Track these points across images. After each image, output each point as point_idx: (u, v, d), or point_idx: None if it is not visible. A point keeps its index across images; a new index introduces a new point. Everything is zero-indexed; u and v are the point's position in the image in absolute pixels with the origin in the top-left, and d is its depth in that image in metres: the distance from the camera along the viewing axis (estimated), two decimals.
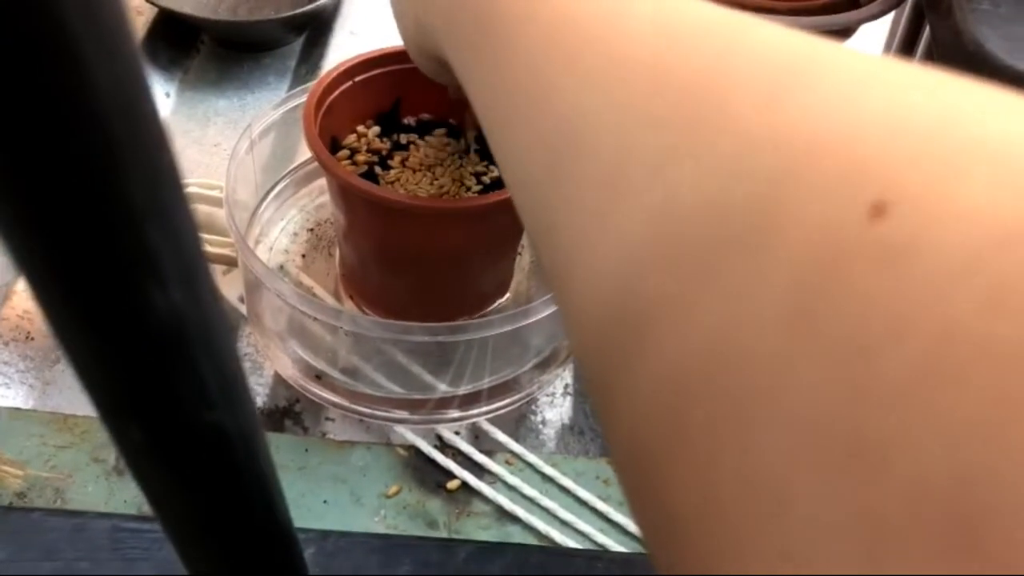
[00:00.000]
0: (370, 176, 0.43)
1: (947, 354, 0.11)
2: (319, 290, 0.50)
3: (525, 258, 0.53)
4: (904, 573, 0.10)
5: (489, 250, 0.46)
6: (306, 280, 0.51)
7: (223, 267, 0.51)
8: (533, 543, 0.42)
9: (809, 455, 0.11)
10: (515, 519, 0.43)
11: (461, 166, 0.44)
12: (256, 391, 0.48)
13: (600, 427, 0.18)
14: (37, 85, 0.09)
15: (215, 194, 0.51)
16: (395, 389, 0.46)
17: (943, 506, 0.10)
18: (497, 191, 0.42)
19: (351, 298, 0.50)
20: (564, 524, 0.43)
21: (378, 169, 0.44)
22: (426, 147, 0.45)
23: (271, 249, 0.52)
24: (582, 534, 0.43)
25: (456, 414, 0.45)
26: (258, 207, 0.52)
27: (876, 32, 0.64)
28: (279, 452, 0.44)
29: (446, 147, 0.45)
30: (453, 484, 0.44)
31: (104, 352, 0.11)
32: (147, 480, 0.14)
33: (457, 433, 0.46)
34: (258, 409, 0.47)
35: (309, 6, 0.64)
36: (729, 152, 0.14)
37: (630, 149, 0.16)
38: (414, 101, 0.46)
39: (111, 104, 0.09)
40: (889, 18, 0.58)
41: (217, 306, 0.12)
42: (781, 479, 0.12)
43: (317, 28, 0.70)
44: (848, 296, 0.12)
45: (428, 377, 0.46)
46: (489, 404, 0.46)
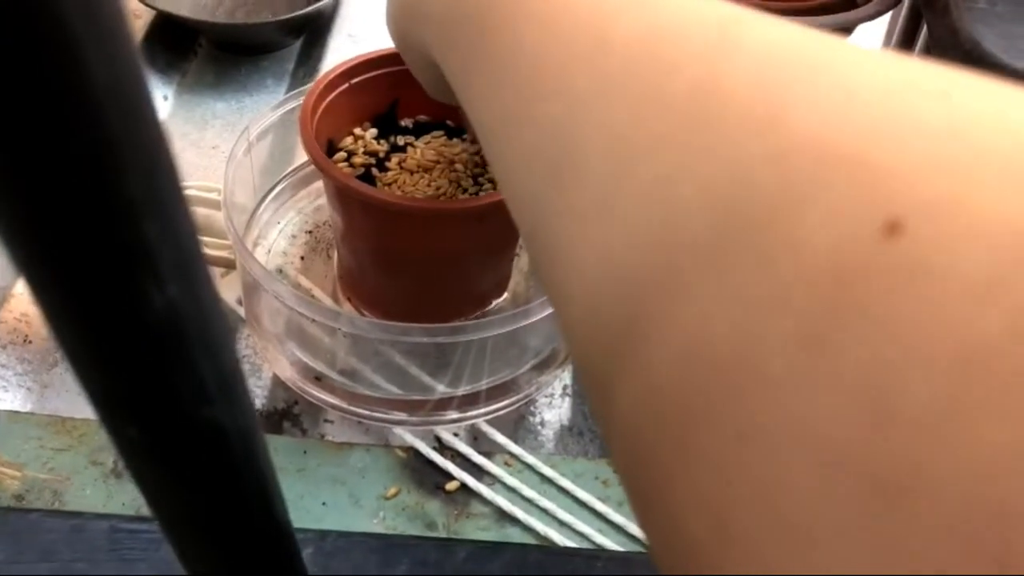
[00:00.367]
0: (367, 178, 0.43)
1: (973, 381, 0.10)
2: (317, 292, 0.50)
3: (523, 259, 0.53)
4: None
5: (487, 251, 0.46)
6: (304, 282, 0.51)
7: (221, 269, 0.51)
8: (532, 544, 0.42)
9: (834, 488, 0.11)
10: (514, 520, 0.43)
11: (457, 168, 0.44)
12: (255, 393, 0.48)
13: (599, 430, 0.17)
14: (35, 82, 0.09)
15: (213, 196, 0.51)
16: (393, 390, 0.46)
17: (976, 545, 0.10)
18: (494, 192, 0.42)
19: (349, 300, 0.50)
20: (563, 525, 0.43)
21: (375, 171, 0.44)
22: (423, 149, 0.45)
23: (269, 251, 0.52)
24: (581, 535, 0.43)
25: (455, 415, 0.45)
26: (256, 209, 0.52)
27: (873, 31, 0.64)
28: (278, 454, 0.44)
29: (443, 149, 0.45)
30: (452, 485, 0.44)
31: (101, 349, 0.11)
32: (145, 478, 0.14)
33: (456, 434, 0.46)
34: (257, 411, 0.47)
35: (307, 9, 0.65)
36: (729, 170, 0.14)
37: (629, 158, 0.16)
38: (411, 103, 0.46)
39: (109, 101, 0.09)
40: (886, 18, 0.58)
41: (214, 303, 0.12)
42: (806, 513, 0.11)
43: (315, 31, 0.70)
44: (865, 319, 0.11)
45: (426, 378, 0.46)
46: (488, 405, 0.46)
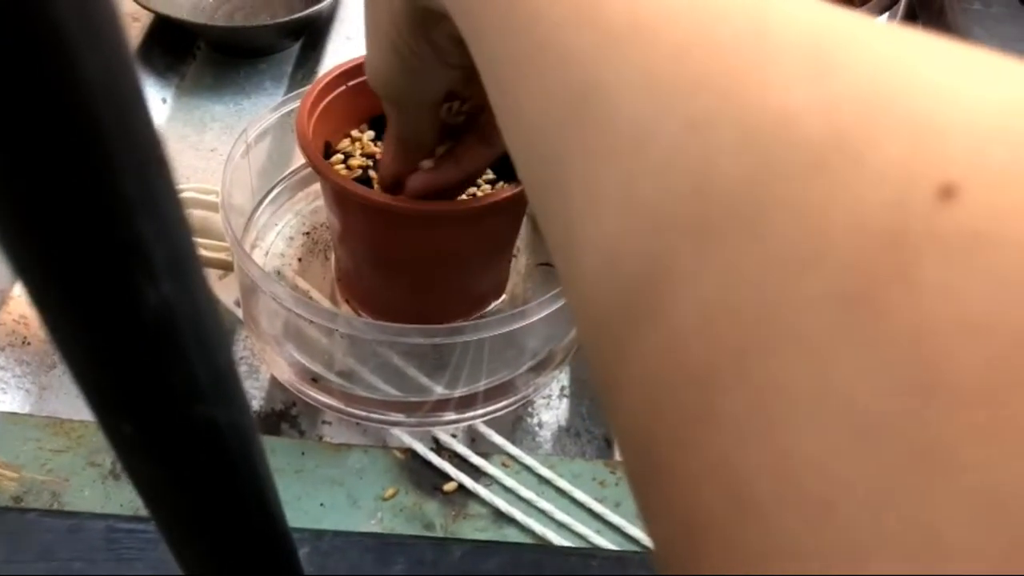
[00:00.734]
0: (365, 180, 0.43)
1: None
2: (315, 294, 0.50)
3: (521, 260, 0.53)
4: None
5: (484, 252, 0.46)
6: (302, 284, 0.51)
7: (219, 271, 0.51)
8: (528, 543, 0.42)
9: (861, 455, 0.10)
10: (512, 521, 0.43)
11: None
12: (252, 394, 0.48)
13: (602, 401, 0.17)
14: (29, 81, 0.09)
15: (211, 199, 0.51)
16: (391, 392, 0.46)
17: (1015, 524, 0.09)
18: (492, 192, 0.42)
19: (347, 302, 0.50)
20: (561, 526, 0.43)
21: (372, 173, 0.44)
22: None
23: (267, 253, 0.52)
24: (579, 536, 0.43)
25: (452, 416, 0.45)
26: (254, 211, 0.52)
27: None
28: (275, 455, 0.44)
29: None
30: (450, 486, 0.44)
31: (94, 345, 0.11)
32: (140, 476, 0.14)
33: (453, 436, 0.46)
34: (254, 412, 0.47)
35: (305, 11, 0.65)
36: (770, 119, 0.13)
37: (660, 109, 0.15)
38: None
39: (103, 100, 0.09)
40: (883, 19, 0.58)
41: (209, 300, 0.12)
42: (830, 483, 0.11)
43: (313, 33, 0.70)
44: (915, 284, 0.11)
45: (424, 380, 0.46)
46: (485, 406, 0.46)
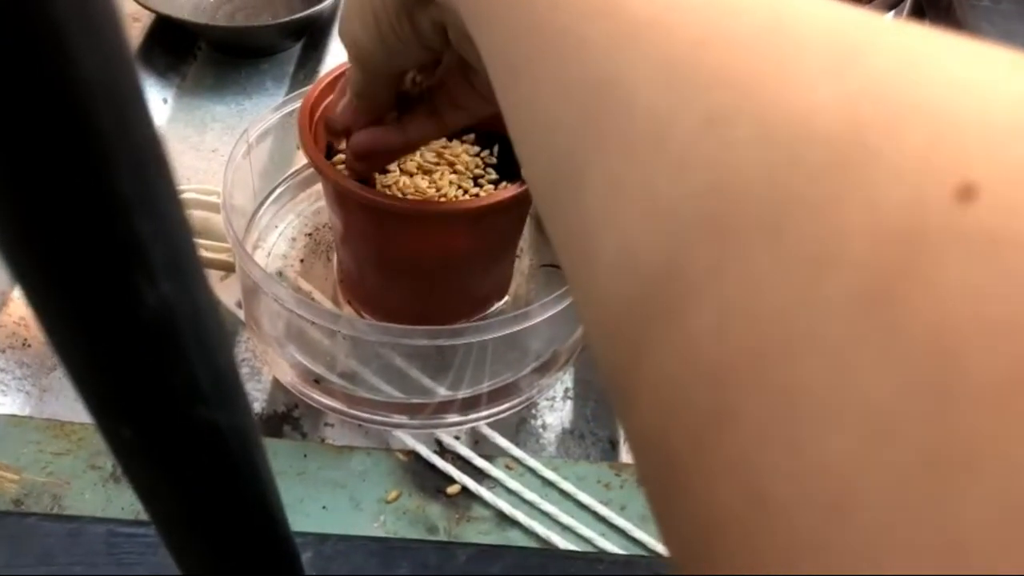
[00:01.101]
0: (366, 181, 0.43)
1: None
2: (317, 295, 0.50)
3: (524, 261, 0.52)
4: None
5: (487, 253, 0.46)
6: (304, 285, 0.51)
7: (221, 273, 0.51)
8: (533, 547, 0.42)
9: (878, 460, 0.10)
10: (515, 524, 0.43)
11: (458, 170, 0.44)
12: (254, 396, 0.47)
13: (614, 405, 0.16)
14: (26, 79, 0.09)
15: (213, 199, 0.51)
16: (394, 393, 0.45)
17: None
18: (494, 193, 0.42)
19: (349, 303, 0.49)
20: (565, 528, 0.43)
21: (374, 173, 0.44)
22: (423, 151, 0.45)
23: (269, 254, 0.52)
24: (583, 539, 0.42)
25: (456, 418, 0.45)
26: (256, 212, 0.52)
27: None
28: (278, 458, 0.44)
29: (443, 151, 0.45)
30: (453, 489, 0.44)
31: (93, 347, 0.11)
32: (139, 479, 0.14)
33: (457, 438, 0.46)
34: (256, 415, 0.46)
35: (306, 11, 0.64)
36: (790, 115, 0.13)
37: (677, 104, 0.14)
38: None
39: (101, 97, 0.09)
40: (890, 16, 0.58)
41: (209, 300, 0.12)
42: (846, 483, 0.11)
43: (315, 33, 0.70)
44: (934, 285, 0.10)
45: (427, 381, 0.46)
46: (489, 408, 0.45)
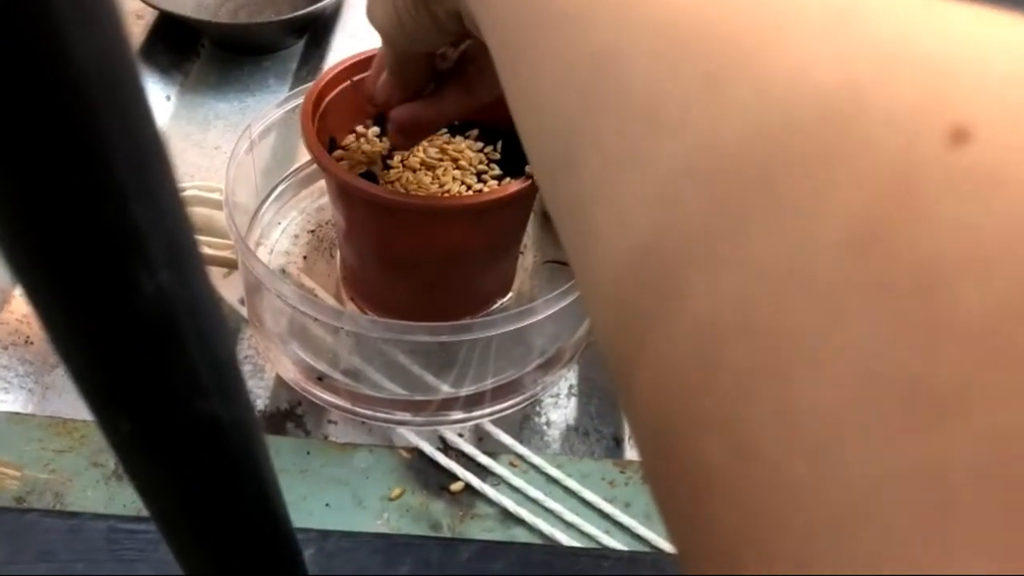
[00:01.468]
0: (370, 177, 0.43)
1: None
2: (320, 292, 0.50)
3: (528, 257, 0.52)
4: (971, 546, 0.09)
5: (490, 248, 0.46)
6: (307, 282, 0.50)
7: (223, 270, 0.51)
8: (537, 543, 0.41)
9: (865, 401, 0.10)
10: (519, 521, 0.42)
11: (461, 166, 0.44)
12: (257, 394, 0.47)
13: (620, 398, 0.16)
14: (19, 63, 0.08)
15: (215, 196, 0.51)
16: (397, 390, 0.45)
17: (1021, 462, 0.09)
18: (498, 188, 0.42)
19: (352, 300, 0.49)
20: (569, 526, 0.43)
21: (377, 169, 0.44)
22: (426, 146, 0.45)
23: (272, 251, 0.52)
24: (588, 536, 0.42)
25: (459, 415, 0.45)
26: (258, 209, 0.52)
27: None
28: (280, 455, 0.44)
29: (446, 146, 0.45)
30: (457, 486, 0.43)
31: (89, 338, 0.11)
32: (140, 475, 0.14)
33: (460, 435, 0.46)
34: (259, 412, 0.46)
35: (309, 8, 0.64)
36: (785, 74, 0.13)
37: (674, 69, 0.14)
38: None
39: (96, 81, 0.09)
40: None
41: (208, 289, 0.12)
42: (828, 430, 0.11)
43: (318, 31, 0.70)
44: (924, 224, 0.10)
45: (430, 378, 0.46)
46: (493, 405, 0.45)
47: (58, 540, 0.29)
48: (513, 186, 0.40)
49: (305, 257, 0.52)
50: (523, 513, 0.42)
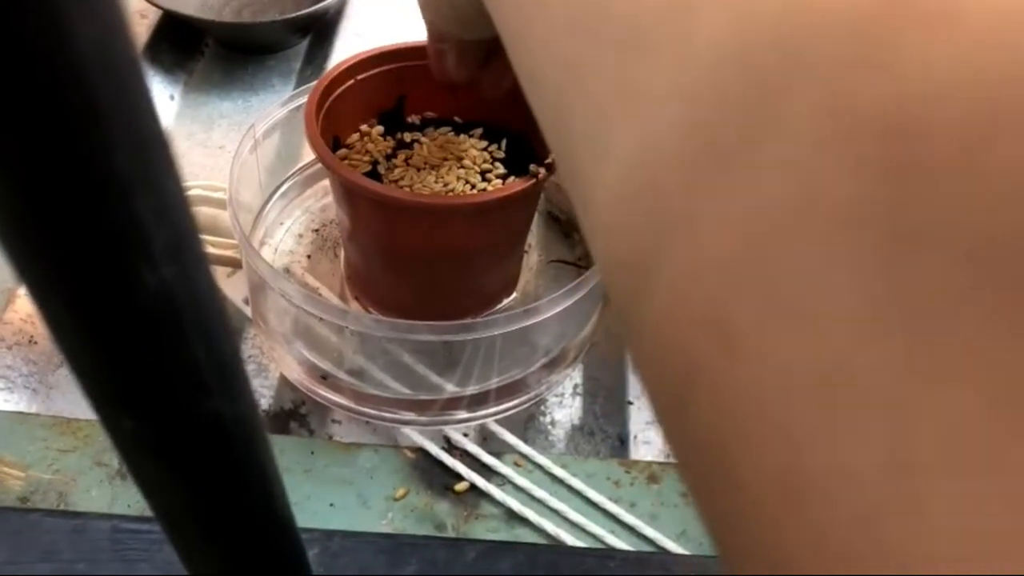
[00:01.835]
0: (374, 176, 0.43)
1: (1004, 106, 0.10)
2: (324, 291, 0.50)
3: (532, 257, 0.52)
4: (953, 363, 0.09)
5: (495, 247, 0.45)
6: (311, 281, 0.50)
7: (227, 269, 0.51)
8: (543, 543, 0.41)
9: (836, 252, 0.10)
10: (524, 521, 0.42)
11: (465, 164, 0.44)
12: (261, 393, 0.47)
13: (629, 350, 0.16)
14: (19, 52, 0.08)
15: (219, 196, 0.51)
16: (402, 390, 0.45)
17: (1000, 273, 0.09)
18: (503, 187, 0.41)
19: (357, 299, 0.49)
20: (574, 526, 0.42)
21: (382, 168, 0.44)
22: (430, 145, 0.44)
23: (276, 251, 0.52)
24: (593, 536, 0.42)
25: (464, 415, 0.45)
26: (263, 208, 0.52)
27: None
28: (284, 455, 0.44)
29: (451, 145, 0.45)
30: (461, 486, 0.43)
31: (90, 334, 0.11)
32: (142, 474, 0.14)
33: (465, 435, 0.46)
34: (263, 411, 0.46)
35: (313, 7, 0.64)
36: None
37: (649, 21, 0.14)
38: (418, 99, 0.46)
39: (97, 72, 0.09)
40: None
41: (211, 284, 0.11)
42: (804, 290, 0.11)
43: (322, 30, 0.70)
44: (884, 66, 0.10)
45: (435, 378, 0.46)
46: (497, 405, 0.45)
47: (61, 540, 0.29)
48: (518, 185, 0.40)
49: (309, 256, 0.52)
50: (528, 513, 0.42)
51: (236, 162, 0.45)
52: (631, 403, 0.48)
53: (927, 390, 0.10)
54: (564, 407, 0.48)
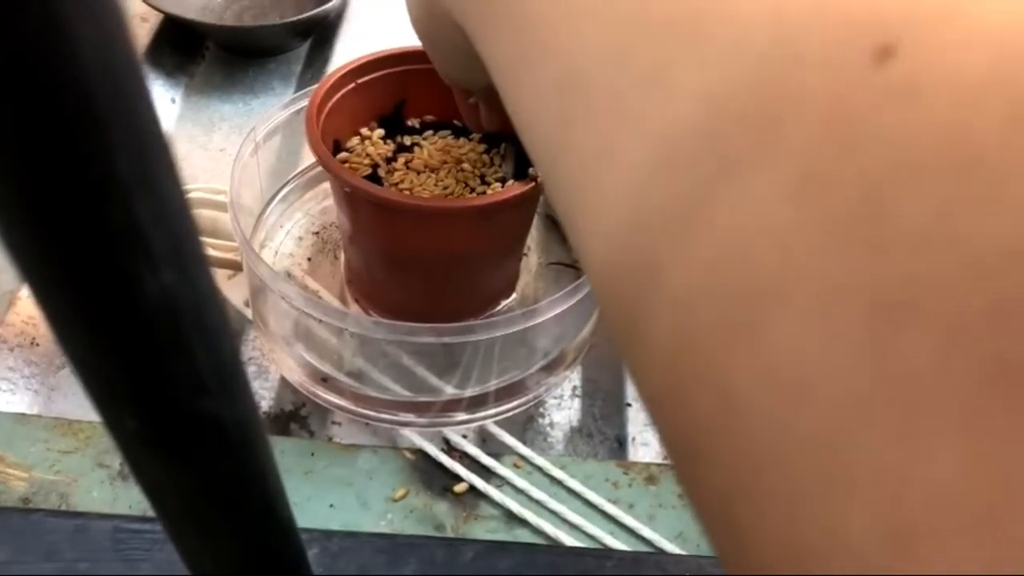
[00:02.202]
0: (374, 179, 0.43)
1: (970, 180, 0.10)
2: (325, 294, 0.50)
3: (532, 259, 0.52)
4: (940, 432, 0.09)
5: (494, 250, 0.46)
6: (311, 284, 0.50)
7: (228, 272, 0.51)
8: (541, 544, 0.41)
9: (825, 326, 0.11)
10: (523, 522, 0.42)
11: (464, 168, 0.44)
12: (262, 395, 0.47)
13: (631, 376, 0.17)
14: (15, 50, 0.08)
15: (220, 199, 0.51)
16: (401, 392, 0.45)
17: (978, 346, 0.09)
18: (502, 190, 0.42)
19: (357, 302, 0.49)
20: (573, 527, 0.43)
21: (382, 172, 0.44)
22: (430, 149, 0.45)
23: (276, 253, 0.52)
24: (591, 537, 0.42)
25: (463, 417, 0.45)
26: (263, 211, 0.52)
27: None
28: (284, 456, 0.44)
29: (450, 148, 0.45)
30: (460, 487, 0.43)
31: (92, 336, 0.11)
32: (144, 473, 0.14)
33: (464, 436, 0.46)
34: (264, 413, 0.46)
35: (314, 11, 0.64)
36: (726, 43, 0.13)
37: (628, 72, 0.15)
38: (418, 103, 0.46)
39: (95, 70, 0.09)
40: None
41: (211, 287, 0.12)
42: (798, 363, 0.11)
43: (322, 33, 0.70)
44: (856, 146, 0.11)
45: (434, 379, 0.46)
46: (496, 407, 0.45)
47: (63, 540, 0.29)
48: (517, 188, 0.40)
49: (309, 259, 0.52)
50: (527, 514, 0.42)
51: (237, 165, 0.45)
52: (629, 405, 0.48)
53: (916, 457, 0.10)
54: (563, 409, 0.48)
